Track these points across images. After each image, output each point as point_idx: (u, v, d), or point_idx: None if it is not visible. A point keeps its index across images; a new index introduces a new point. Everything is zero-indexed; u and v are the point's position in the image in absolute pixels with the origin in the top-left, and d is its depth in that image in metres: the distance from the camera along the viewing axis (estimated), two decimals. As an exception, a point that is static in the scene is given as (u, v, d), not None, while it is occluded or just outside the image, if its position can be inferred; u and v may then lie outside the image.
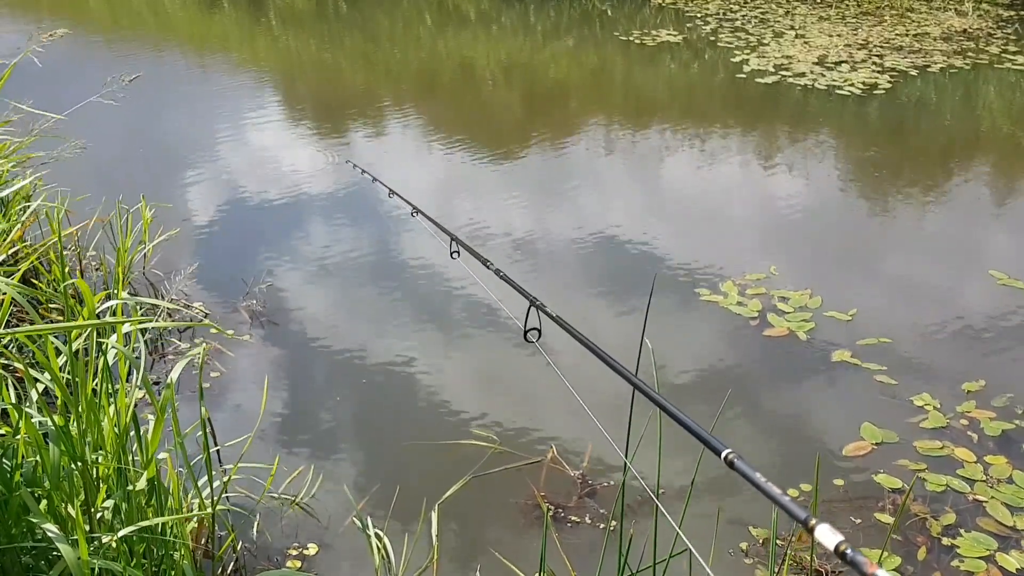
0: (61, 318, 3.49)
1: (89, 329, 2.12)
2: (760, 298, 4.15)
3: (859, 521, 2.81)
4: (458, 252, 2.46)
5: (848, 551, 0.89)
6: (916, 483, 2.97)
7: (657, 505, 1.52)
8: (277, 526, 2.76)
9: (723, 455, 1.13)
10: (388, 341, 3.87)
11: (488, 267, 2.19)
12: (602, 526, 2.79)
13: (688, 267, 4.50)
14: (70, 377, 1.97)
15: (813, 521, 0.95)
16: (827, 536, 0.92)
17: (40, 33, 4.01)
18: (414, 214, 3.02)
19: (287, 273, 4.47)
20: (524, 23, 11.05)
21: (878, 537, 2.73)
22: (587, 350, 1.53)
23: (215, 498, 2.33)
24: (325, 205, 5.38)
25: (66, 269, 3.76)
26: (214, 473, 2.45)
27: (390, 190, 3.33)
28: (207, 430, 2.27)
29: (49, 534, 1.78)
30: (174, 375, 2.19)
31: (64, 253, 3.81)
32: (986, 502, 2.88)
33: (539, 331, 1.79)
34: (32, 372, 2.04)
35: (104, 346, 2.19)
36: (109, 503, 2.05)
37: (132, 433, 2.08)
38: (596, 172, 6.03)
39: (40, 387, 2.08)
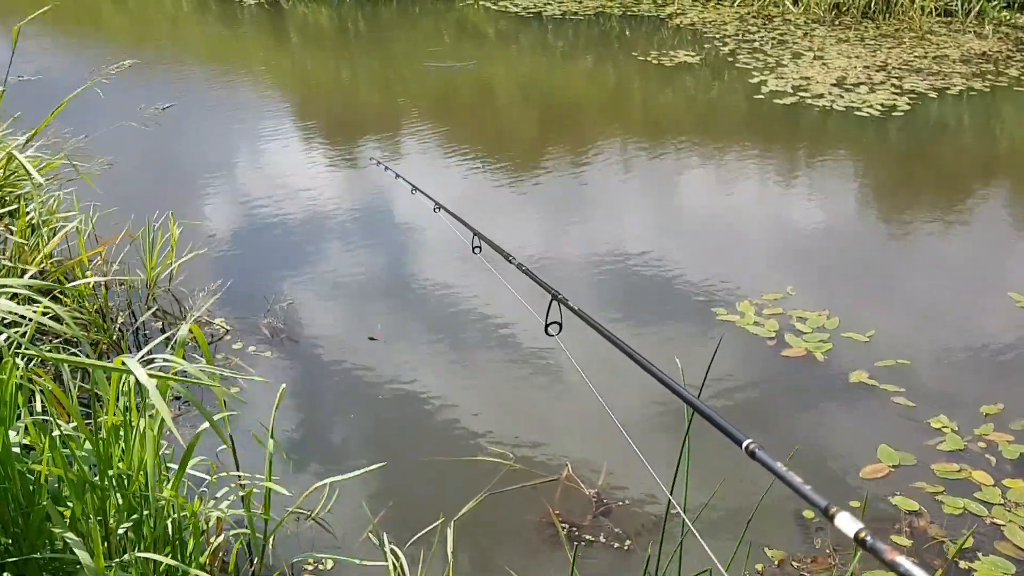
0: (85, 333, 3.54)
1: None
2: (777, 318, 4.15)
3: (875, 543, 2.79)
4: (479, 247, 2.50)
5: (868, 538, 0.91)
6: (933, 505, 2.96)
7: (687, 525, 1.53)
8: (293, 540, 2.79)
9: (744, 445, 1.16)
10: (405, 355, 3.90)
11: (511, 261, 2.24)
12: (616, 545, 2.80)
13: (704, 287, 4.51)
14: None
15: (833, 509, 0.97)
16: (847, 524, 0.95)
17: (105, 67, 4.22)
18: (436, 210, 3.10)
19: (307, 289, 4.52)
20: (542, 42, 11.13)
21: (895, 560, 2.72)
22: (611, 352, 1.55)
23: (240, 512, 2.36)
24: (346, 221, 5.43)
25: (91, 285, 3.83)
26: (231, 488, 2.48)
27: (413, 186, 3.44)
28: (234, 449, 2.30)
29: (70, 543, 1.81)
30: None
31: (89, 269, 3.88)
32: (1004, 526, 2.86)
33: (560, 325, 1.81)
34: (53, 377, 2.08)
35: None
36: (131, 520, 2.08)
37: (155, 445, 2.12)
38: (613, 191, 6.06)
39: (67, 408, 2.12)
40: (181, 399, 3.40)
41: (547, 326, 1.81)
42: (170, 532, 2.13)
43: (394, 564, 2.62)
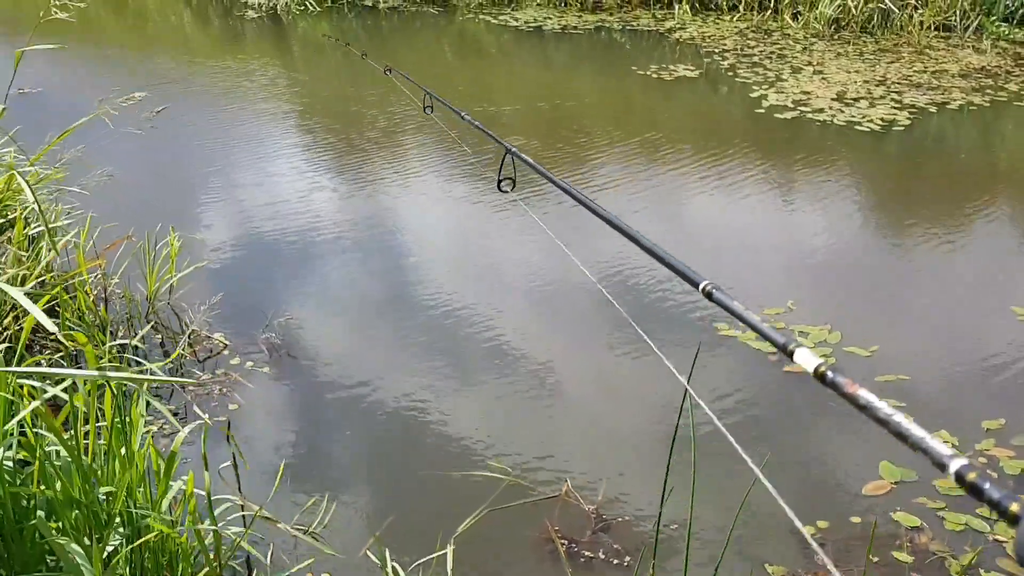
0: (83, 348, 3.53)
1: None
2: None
3: (876, 559, 2.78)
4: (431, 108, 2.61)
5: (828, 373, 0.92)
6: (935, 521, 2.94)
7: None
8: (290, 556, 2.77)
9: (701, 286, 1.18)
10: (403, 373, 3.89)
11: (463, 118, 2.35)
12: (616, 562, 2.78)
13: (705, 301, 4.48)
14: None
15: (792, 346, 0.98)
16: (807, 359, 0.95)
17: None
18: (387, 72, 3.33)
19: (306, 306, 4.51)
20: (543, 56, 11.17)
21: (896, 577, 2.70)
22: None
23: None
24: (342, 238, 5.42)
25: (91, 299, 3.83)
26: (229, 505, 2.47)
27: (362, 54, 3.78)
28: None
29: (65, 559, 1.79)
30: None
31: (89, 281, 3.87)
32: (1006, 542, 2.84)
33: (513, 180, 1.86)
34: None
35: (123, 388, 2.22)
36: (117, 540, 2.06)
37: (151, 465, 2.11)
38: (612, 205, 6.05)
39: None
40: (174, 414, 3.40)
41: (500, 182, 1.86)
42: (159, 555, 2.11)
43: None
